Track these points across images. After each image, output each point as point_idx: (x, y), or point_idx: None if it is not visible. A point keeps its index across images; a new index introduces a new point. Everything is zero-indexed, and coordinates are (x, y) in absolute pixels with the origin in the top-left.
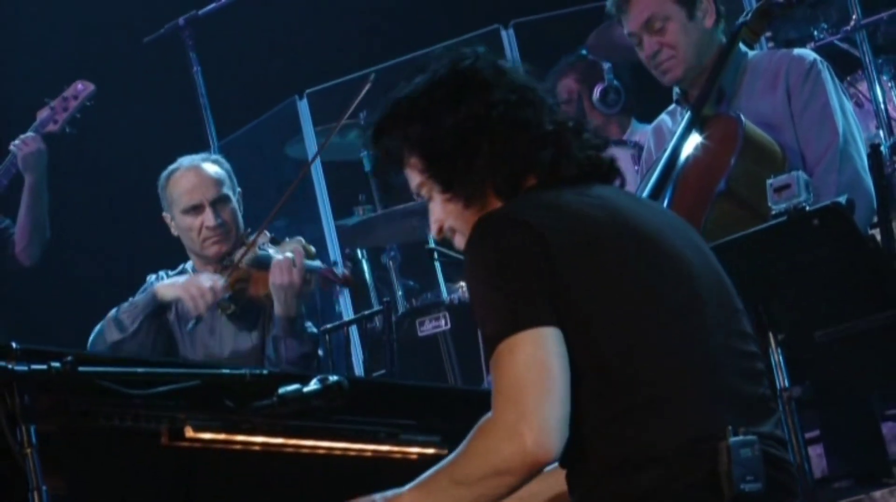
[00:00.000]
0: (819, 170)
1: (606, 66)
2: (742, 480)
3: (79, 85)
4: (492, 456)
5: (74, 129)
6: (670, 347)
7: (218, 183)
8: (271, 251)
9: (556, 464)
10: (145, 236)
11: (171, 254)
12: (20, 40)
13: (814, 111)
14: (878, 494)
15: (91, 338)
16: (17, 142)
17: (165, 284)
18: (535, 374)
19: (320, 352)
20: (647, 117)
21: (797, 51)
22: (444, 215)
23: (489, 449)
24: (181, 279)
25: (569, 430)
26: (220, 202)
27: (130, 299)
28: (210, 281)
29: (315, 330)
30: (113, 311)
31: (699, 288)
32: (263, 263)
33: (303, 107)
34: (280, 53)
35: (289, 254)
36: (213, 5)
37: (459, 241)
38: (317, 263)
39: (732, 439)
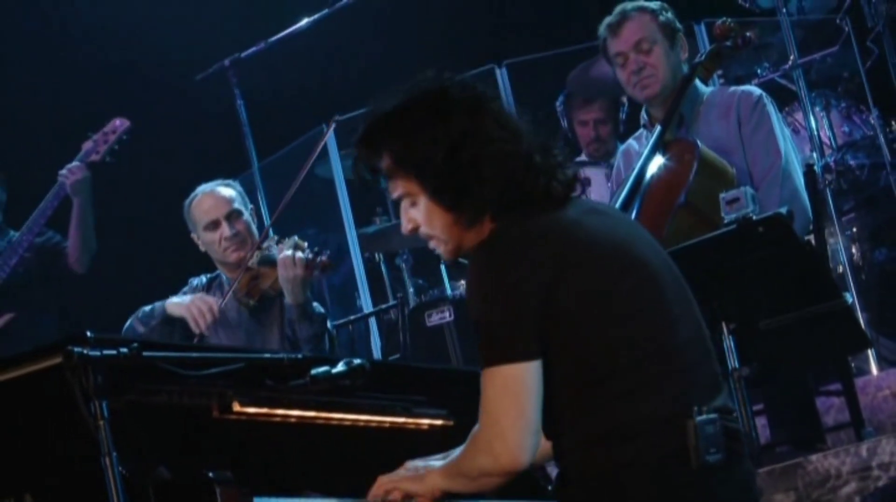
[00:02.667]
0: (764, 185)
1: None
2: (707, 452)
3: (116, 121)
4: (477, 463)
5: (114, 159)
6: (643, 344)
7: (230, 201)
8: (275, 251)
9: None
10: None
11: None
12: (89, 74)
13: (760, 136)
14: (813, 457)
15: (123, 330)
16: (64, 170)
17: (174, 301)
18: (512, 402)
19: (330, 328)
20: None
21: (745, 87)
22: (425, 221)
23: (474, 458)
24: (187, 298)
25: (558, 411)
26: (233, 216)
27: (154, 304)
28: (209, 303)
29: (322, 310)
30: (136, 313)
31: (665, 289)
32: (269, 261)
33: (329, 133)
34: (310, 88)
35: (289, 252)
36: (253, 49)
37: (435, 245)
38: (306, 254)
39: (698, 418)
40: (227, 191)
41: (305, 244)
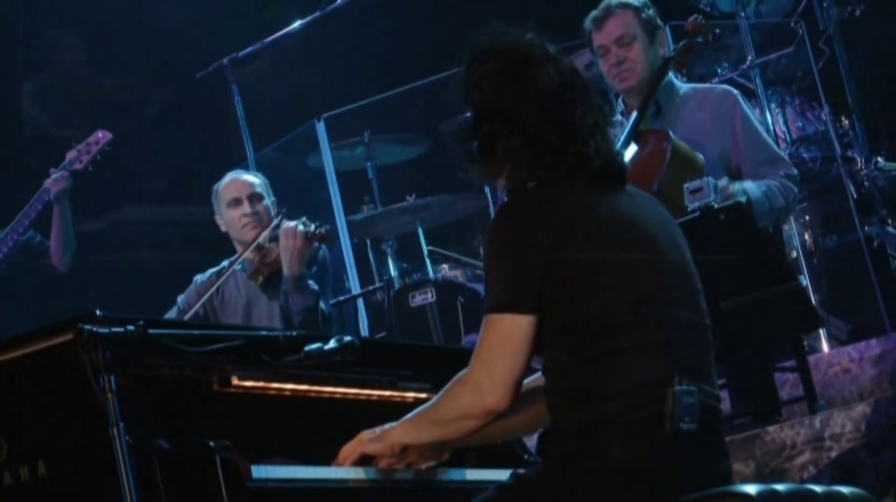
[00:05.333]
0: (763, 170)
1: None
2: (681, 420)
3: (99, 133)
4: (458, 403)
5: (96, 168)
6: (635, 313)
7: (253, 184)
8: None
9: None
10: (197, 228)
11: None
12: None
13: (748, 129)
14: (770, 428)
15: None
16: (49, 179)
17: None
18: (507, 349)
19: (324, 308)
20: None
21: (723, 87)
22: None
23: (457, 398)
24: None
25: (551, 369)
26: (254, 197)
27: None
28: None
29: (316, 287)
30: None
31: (666, 270)
32: (276, 237)
33: (320, 128)
34: (302, 85)
35: (292, 223)
36: (250, 49)
37: None
38: (307, 228)
39: (678, 387)
40: (252, 177)
41: (312, 225)
